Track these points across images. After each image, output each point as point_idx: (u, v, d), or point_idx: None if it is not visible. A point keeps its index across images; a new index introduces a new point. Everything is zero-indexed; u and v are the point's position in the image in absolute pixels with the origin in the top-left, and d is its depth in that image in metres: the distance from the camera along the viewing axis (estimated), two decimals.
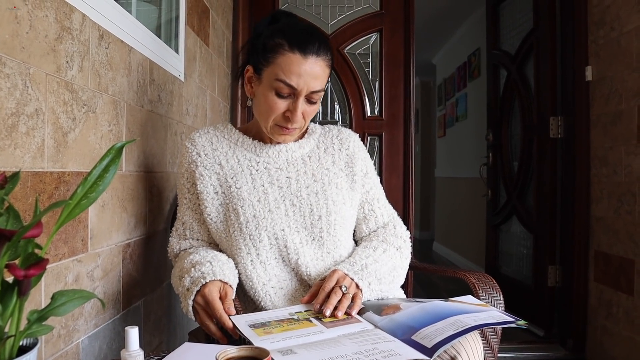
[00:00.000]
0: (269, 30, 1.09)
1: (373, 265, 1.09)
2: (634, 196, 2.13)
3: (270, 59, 1.06)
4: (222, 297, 0.98)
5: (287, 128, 1.09)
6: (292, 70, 1.04)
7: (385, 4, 2.65)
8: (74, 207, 0.56)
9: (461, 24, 4.84)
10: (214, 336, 0.99)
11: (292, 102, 1.07)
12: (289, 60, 1.04)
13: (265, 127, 1.12)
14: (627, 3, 2.18)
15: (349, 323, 0.92)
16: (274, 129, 1.11)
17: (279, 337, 0.84)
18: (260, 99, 1.09)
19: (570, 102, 2.59)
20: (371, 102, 2.67)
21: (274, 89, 1.05)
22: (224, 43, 2.30)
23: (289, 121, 1.08)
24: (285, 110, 1.07)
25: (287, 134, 1.12)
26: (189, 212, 1.17)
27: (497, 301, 1.22)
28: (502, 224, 3.34)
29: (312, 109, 1.10)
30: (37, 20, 0.81)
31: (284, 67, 1.04)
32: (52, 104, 0.86)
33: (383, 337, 0.85)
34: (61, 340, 0.90)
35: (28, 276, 0.51)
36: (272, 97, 1.06)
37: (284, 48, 1.04)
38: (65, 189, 0.90)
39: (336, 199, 1.15)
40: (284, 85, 1.04)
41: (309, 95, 1.07)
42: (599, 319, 2.39)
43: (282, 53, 1.04)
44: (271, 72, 1.05)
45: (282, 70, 1.04)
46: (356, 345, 0.81)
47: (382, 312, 0.97)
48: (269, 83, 1.06)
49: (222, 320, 0.94)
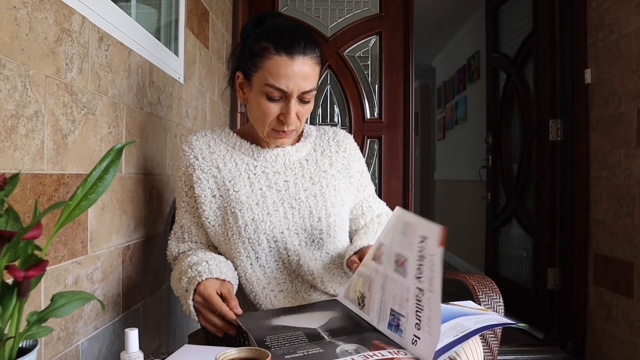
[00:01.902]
0: (254, 34, 1.08)
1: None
2: (634, 199, 2.14)
3: (257, 63, 1.04)
4: (225, 295, 0.98)
5: (284, 131, 1.09)
6: (280, 73, 1.02)
7: (385, 7, 2.66)
8: (74, 209, 0.56)
9: (461, 26, 4.85)
10: (219, 333, 0.98)
11: (284, 105, 1.06)
12: (276, 63, 1.02)
13: (261, 132, 1.11)
14: (626, 6, 2.18)
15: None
16: (271, 134, 1.10)
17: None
18: (253, 105, 1.09)
19: (569, 105, 2.59)
20: (371, 105, 2.68)
21: (264, 93, 1.04)
22: (224, 46, 2.31)
23: (283, 124, 1.07)
24: (279, 114, 1.06)
25: (284, 137, 1.11)
26: (187, 216, 1.16)
27: (497, 304, 1.22)
28: (501, 226, 3.34)
29: (306, 109, 1.09)
30: (37, 22, 0.81)
31: (272, 71, 1.02)
32: (52, 106, 0.86)
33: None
34: (61, 343, 0.90)
35: (27, 277, 0.51)
36: (264, 102, 1.05)
37: (270, 52, 1.03)
38: (64, 191, 0.90)
39: (335, 201, 1.15)
40: (274, 90, 1.03)
41: (301, 95, 1.06)
42: (598, 321, 2.39)
43: (269, 57, 1.03)
44: (260, 77, 1.04)
45: (271, 75, 1.03)
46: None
47: None
48: (259, 88, 1.05)
49: (223, 313, 0.94)
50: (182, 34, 1.63)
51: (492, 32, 3.39)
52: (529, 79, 2.94)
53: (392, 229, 0.93)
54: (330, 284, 1.13)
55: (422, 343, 0.81)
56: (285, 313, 0.97)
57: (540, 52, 2.78)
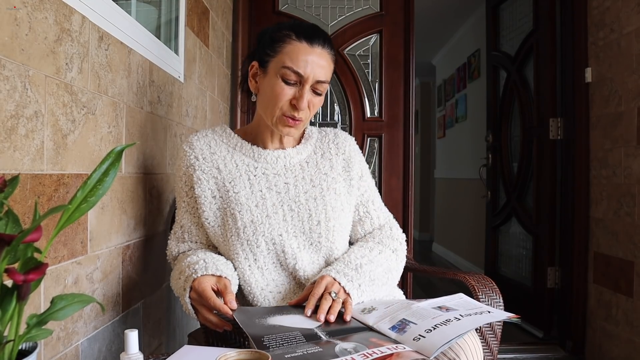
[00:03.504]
0: (275, 26, 1.13)
1: (368, 265, 1.09)
2: (634, 198, 2.14)
3: (277, 48, 1.09)
4: (221, 290, 0.98)
5: (293, 118, 1.09)
6: (299, 57, 1.07)
7: (385, 5, 2.65)
8: (74, 212, 0.56)
9: (461, 25, 4.84)
10: (217, 328, 0.97)
11: (298, 90, 1.08)
12: (296, 48, 1.07)
13: (270, 119, 1.11)
14: (626, 5, 2.18)
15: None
16: (280, 120, 1.10)
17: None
18: (267, 90, 1.10)
19: (569, 104, 2.59)
20: (371, 103, 2.67)
21: (280, 76, 1.08)
22: (224, 44, 2.30)
23: (295, 109, 1.08)
24: (292, 98, 1.09)
25: (293, 126, 1.11)
26: (187, 216, 1.16)
27: (497, 303, 1.22)
28: (501, 225, 3.34)
29: (318, 101, 1.12)
30: (37, 22, 0.81)
31: (291, 54, 1.07)
32: (52, 106, 0.86)
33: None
34: (60, 343, 0.90)
35: (27, 281, 0.51)
36: (279, 83, 1.08)
37: (291, 37, 1.08)
38: (64, 191, 0.90)
39: (335, 205, 1.15)
40: (291, 72, 1.07)
41: (314, 85, 1.09)
42: (598, 320, 2.39)
43: (289, 42, 1.08)
44: (278, 60, 1.08)
45: (290, 57, 1.07)
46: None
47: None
48: (276, 71, 1.08)
49: (217, 308, 0.94)
50: (182, 32, 1.62)
51: (493, 30, 3.38)
52: (530, 78, 2.94)
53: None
54: None
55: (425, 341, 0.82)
56: (281, 312, 0.97)
57: (540, 50, 2.78)
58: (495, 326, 1.27)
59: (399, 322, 0.90)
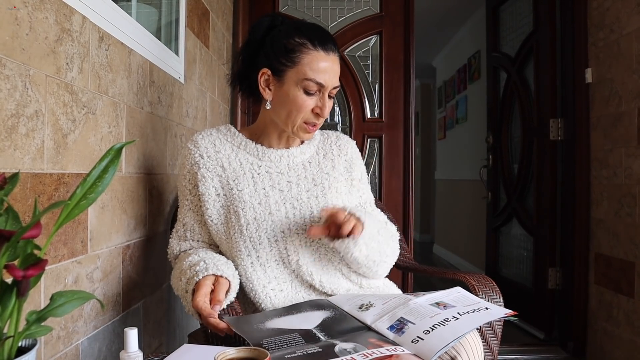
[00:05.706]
0: (282, 31, 1.12)
1: (374, 224, 1.11)
2: (634, 198, 2.13)
3: (294, 59, 1.09)
4: (214, 288, 0.98)
5: (314, 124, 1.13)
6: (319, 68, 1.08)
7: (385, 6, 2.65)
8: (73, 208, 0.56)
9: (461, 26, 4.84)
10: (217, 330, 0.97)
11: (319, 99, 1.11)
12: (315, 58, 1.08)
13: (291, 127, 1.13)
14: (626, 5, 2.18)
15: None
16: (301, 127, 1.13)
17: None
18: (286, 100, 1.11)
19: (570, 105, 2.59)
20: (371, 105, 2.67)
21: (302, 88, 1.09)
22: (224, 45, 2.31)
23: (319, 117, 1.12)
24: (314, 107, 1.11)
25: (312, 131, 1.15)
26: (190, 214, 1.17)
27: (497, 303, 1.22)
28: (502, 226, 3.34)
29: (331, 103, 1.15)
30: (37, 22, 0.81)
31: (312, 65, 1.08)
32: (52, 106, 0.86)
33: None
34: (60, 342, 0.90)
35: (27, 277, 0.51)
36: (301, 96, 1.09)
37: (307, 47, 1.08)
38: (64, 190, 0.90)
39: (336, 203, 1.16)
40: (314, 84, 1.08)
41: (331, 90, 1.12)
42: (599, 321, 2.39)
43: (307, 52, 1.08)
44: (298, 72, 1.09)
45: (310, 69, 1.08)
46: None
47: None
48: (296, 83, 1.09)
49: (211, 327, 0.93)
50: (183, 33, 1.63)
51: (493, 31, 3.38)
52: (530, 79, 2.94)
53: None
54: (329, 285, 1.13)
55: (423, 343, 0.82)
56: (277, 315, 0.97)
57: (540, 51, 2.78)
58: (495, 326, 1.27)
59: (397, 321, 0.90)
